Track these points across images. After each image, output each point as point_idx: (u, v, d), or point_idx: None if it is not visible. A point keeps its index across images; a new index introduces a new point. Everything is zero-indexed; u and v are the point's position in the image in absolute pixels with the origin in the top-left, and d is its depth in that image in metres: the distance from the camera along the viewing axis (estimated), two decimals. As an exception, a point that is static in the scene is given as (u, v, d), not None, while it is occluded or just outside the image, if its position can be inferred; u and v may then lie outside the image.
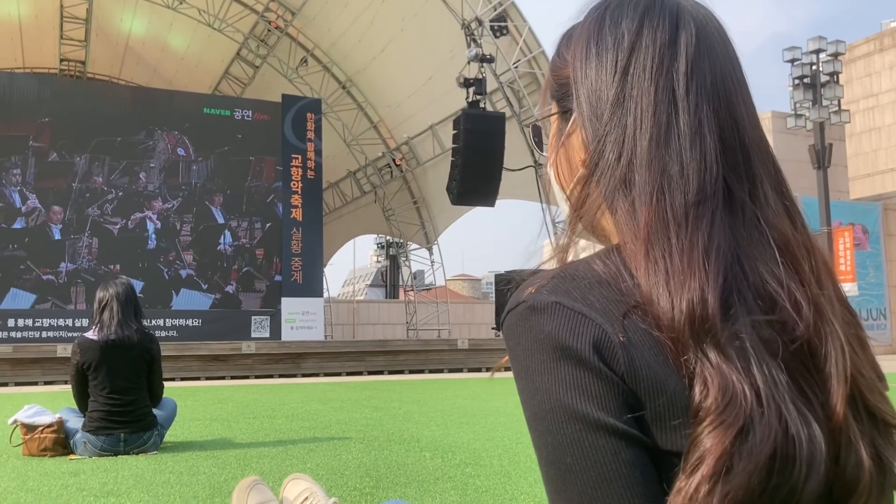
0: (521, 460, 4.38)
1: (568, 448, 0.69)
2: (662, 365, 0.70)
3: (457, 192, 16.02)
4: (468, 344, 15.66)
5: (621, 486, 0.67)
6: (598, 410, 0.69)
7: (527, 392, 0.73)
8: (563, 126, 0.87)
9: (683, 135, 0.76)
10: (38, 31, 21.04)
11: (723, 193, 0.75)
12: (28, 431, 4.75)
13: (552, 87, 0.89)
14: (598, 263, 0.77)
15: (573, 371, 0.70)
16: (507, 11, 16.98)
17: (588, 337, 0.70)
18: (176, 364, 12.62)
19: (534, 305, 0.73)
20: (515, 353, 0.74)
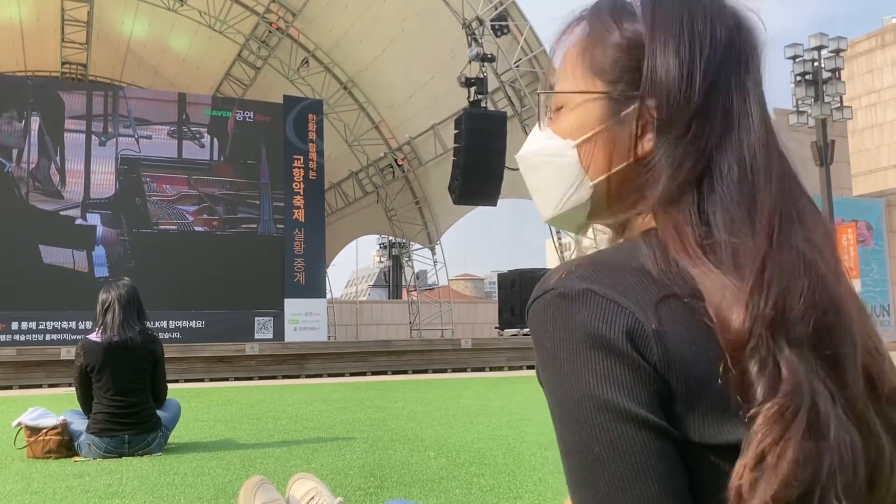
0: (525, 459, 4.38)
1: (596, 438, 0.68)
2: (699, 355, 0.69)
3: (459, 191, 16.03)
4: (471, 343, 15.65)
5: (649, 478, 0.67)
6: (629, 401, 0.68)
7: (555, 380, 0.72)
8: (611, 110, 0.83)
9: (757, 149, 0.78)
10: (40, 34, 21.07)
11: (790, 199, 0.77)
12: (32, 434, 4.75)
13: (607, 65, 0.83)
14: (629, 251, 0.77)
15: (604, 360, 0.69)
16: (507, 11, 16.98)
17: (621, 325, 0.69)
18: (180, 366, 12.64)
19: (564, 292, 0.72)
20: (543, 340, 0.73)
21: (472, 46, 16.12)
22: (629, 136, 0.82)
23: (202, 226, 17.61)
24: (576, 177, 0.85)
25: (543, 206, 0.90)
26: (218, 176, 17.84)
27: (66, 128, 16.71)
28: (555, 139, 0.87)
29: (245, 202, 18.03)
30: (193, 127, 17.75)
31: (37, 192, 16.28)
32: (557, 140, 0.86)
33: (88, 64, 22.32)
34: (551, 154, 0.87)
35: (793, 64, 18.01)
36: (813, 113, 17.89)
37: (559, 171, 0.86)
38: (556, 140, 0.86)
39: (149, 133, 17.38)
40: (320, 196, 19.03)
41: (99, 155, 16.91)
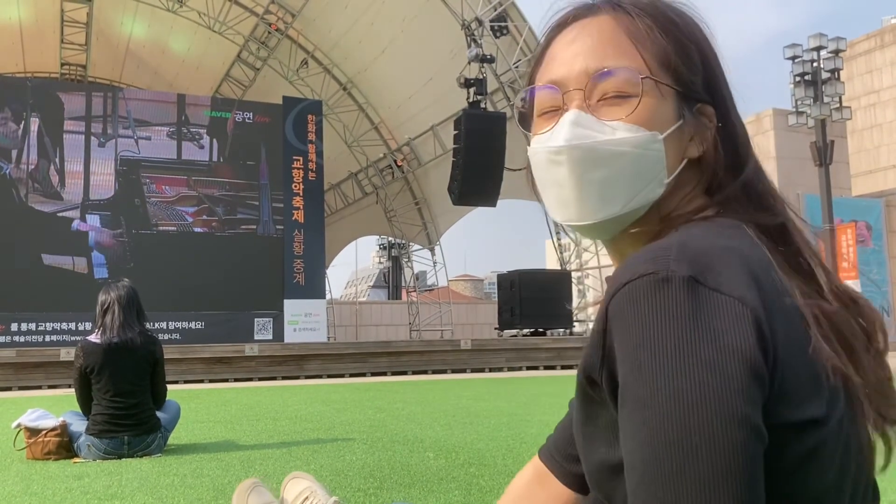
0: (524, 460, 4.37)
1: (700, 430, 0.65)
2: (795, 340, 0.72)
3: (458, 192, 16.03)
4: (471, 344, 15.64)
5: (740, 479, 0.65)
6: (738, 397, 0.66)
7: (654, 367, 0.67)
8: (687, 104, 0.85)
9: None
10: (39, 36, 21.07)
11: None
12: (32, 435, 4.75)
13: (677, 61, 0.84)
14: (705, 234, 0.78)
15: (716, 353, 0.67)
16: (507, 11, 16.99)
17: (737, 319, 0.68)
18: (179, 367, 12.63)
19: (667, 277, 0.70)
20: (641, 325, 0.69)
21: (471, 47, 16.13)
22: (691, 133, 0.85)
23: (202, 227, 17.61)
24: (657, 172, 0.83)
25: (604, 205, 0.84)
26: (217, 177, 17.83)
27: (66, 129, 16.71)
28: (636, 129, 0.82)
29: (244, 203, 18.02)
30: (193, 128, 17.75)
31: (36, 193, 16.28)
32: (641, 130, 0.82)
33: (88, 65, 22.32)
34: (635, 145, 0.82)
35: (792, 64, 18.01)
36: (812, 113, 17.89)
37: (640, 164, 0.83)
38: (637, 130, 0.82)
39: (148, 134, 17.37)
40: (320, 197, 19.02)
41: (98, 156, 16.91)
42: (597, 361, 0.74)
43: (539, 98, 0.89)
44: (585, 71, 0.84)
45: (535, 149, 0.88)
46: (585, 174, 0.83)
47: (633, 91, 0.82)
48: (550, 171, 0.86)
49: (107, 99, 17.30)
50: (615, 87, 0.83)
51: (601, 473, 0.81)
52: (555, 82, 0.87)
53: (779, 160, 20.88)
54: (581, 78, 0.84)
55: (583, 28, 0.87)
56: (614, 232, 0.87)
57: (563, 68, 0.86)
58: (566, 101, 0.85)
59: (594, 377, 0.76)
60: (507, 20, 17.10)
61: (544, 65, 0.90)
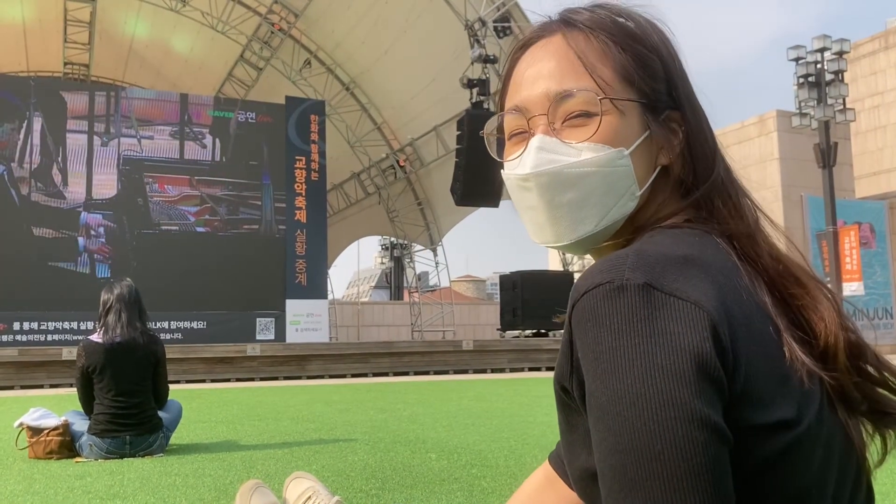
0: (526, 461, 4.37)
1: (660, 434, 0.66)
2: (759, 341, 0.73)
3: (461, 192, 16.04)
4: (473, 345, 15.64)
5: (706, 480, 0.66)
6: (697, 399, 0.67)
7: (613, 375, 0.69)
8: (651, 115, 0.86)
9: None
10: (42, 35, 21.10)
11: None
12: (34, 434, 4.75)
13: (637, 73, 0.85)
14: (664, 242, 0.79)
15: (670, 356, 0.68)
16: (510, 12, 16.98)
17: (696, 323, 0.69)
18: (181, 367, 12.63)
19: (623, 285, 0.71)
20: (597, 334, 0.70)
21: (474, 47, 16.13)
22: (659, 142, 0.86)
23: (204, 226, 17.62)
24: (627, 186, 0.84)
25: (577, 225, 0.85)
26: (220, 177, 17.84)
27: (69, 128, 16.73)
28: (602, 148, 0.83)
29: (247, 203, 18.03)
30: (195, 128, 17.76)
31: (39, 192, 16.30)
32: (606, 149, 0.83)
33: (91, 64, 22.34)
34: (601, 164, 0.83)
35: (795, 66, 17.99)
36: (816, 115, 17.87)
37: (609, 182, 0.84)
38: (602, 149, 0.83)
39: (151, 134, 17.39)
40: (322, 197, 19.03)
41: (101, 155, 16.93)
42: (567, 370, 0.76)
43: (507, 122, 0.90)
44: (546, 95, 0.85)
45: (507, 175, 0.90)
46: (555, 198, 0.84)
47: (594, 110, 0.83)
48: (523, 197, 0.88)
49: (110, 98, 17.32)
50: (577, 108, 0.84)
51: (584, 481, 0.82)
52: (518, 107, 0.88)
53: (782, 162, 20.84)
54: (543, 102, 0.85)
55: (542, 49, 0.88)
56: (593, 246, 0.89)
57: (525, 92, 0.87)
58: (531, 126, 0.87)
59: (566, 386, 0.78)
60: (511, 20, 17.09)
61: (510, 91, 0.91)
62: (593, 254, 0.92)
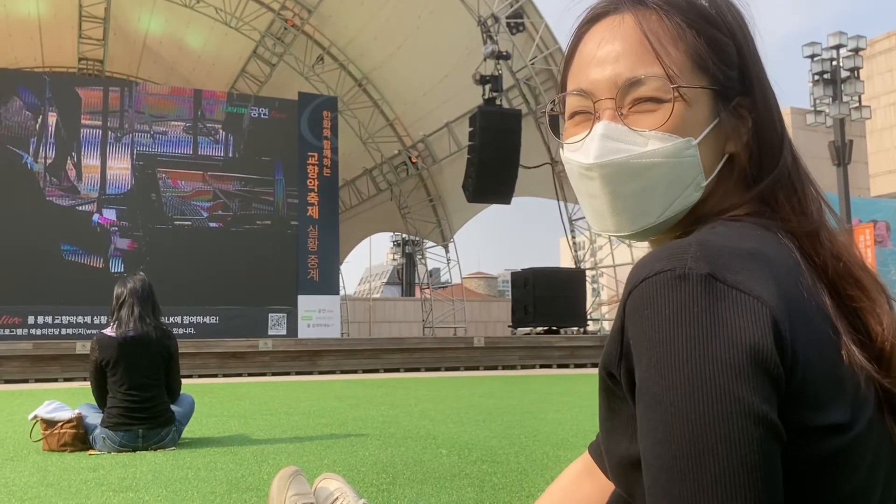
0: (537, 457, 4.37)
1: (715, 428, 0.64)
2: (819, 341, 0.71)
3: (472, 189, 16.02)
4: (484, 342, 15.63)
5: (757, 477, 0.64)
6: (754, 394, 0.65)
7: (669, 364, 0.67)
8: (721, 103, 0.82)
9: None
10: (58, 31, 21.23)
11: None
12: (48, 427, 4.79)
13: (709, 57, 0.82)
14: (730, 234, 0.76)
15: (731, 350, 0.66)
16: (523, 8, 16.94)
17: (758, 318, 0.67)
18: (194, 361, 12.70)
19: (684, 274, 0.69)
20: (657, 321, 0.69)
21: (487, 44, 16.10)
22: (729, 129, 0.83)
23: (217, 222, 17.69)
24: (693, 177, 0.82)
25: (641, 216, 0.83)
26: (233, 172, 17.91)
27: (83, 123, 16.83)
28: (670, 138, 0.80)
29: (259, 199, 18.09)
30: (209, 123, 17.83)
31: (53, 186, 16.41)
32: (674, 138, 0.80)
33: (105, 60, 22.46)
34: (669, 155, 0.80)
35: (811, 63, 17.86)
36: (831, 112, 17.73)
37: (675, 173, 0.81)
38: (670, 139, 0.80)
39: (164, 129, 17.47)
40: (334, 193, 19.06)
41: (115, 151, 17.02)
42: (615, 357, 0.74)
43: (569, 101, 0.87)
44: (615, 79, 0.82)
45: (567, 158, 0.87)
46: (619, 188, 0.82)
47: (665, 97, 0.80)
48: (584, 184, 0.85)
49: (124, 94, 17.40)
50: (646, 94, 0.81)
51: (622, 468, 0.80)
52: (585, 90, 0.85)
53: (796, 159, 20.72)
54: (611, 87, 0.82)
55: (611, 28, 0.84)
56: (654, 235, 0.87)
57: (593, 75, 0.84)
58: (597, 110, 0.84)
59: (613, 372, 0.76)
60: (524, 17, 17.05)
61: (573, 68, 0.88)
62: (652, 243, 0.89)
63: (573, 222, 19.61)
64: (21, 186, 16.08)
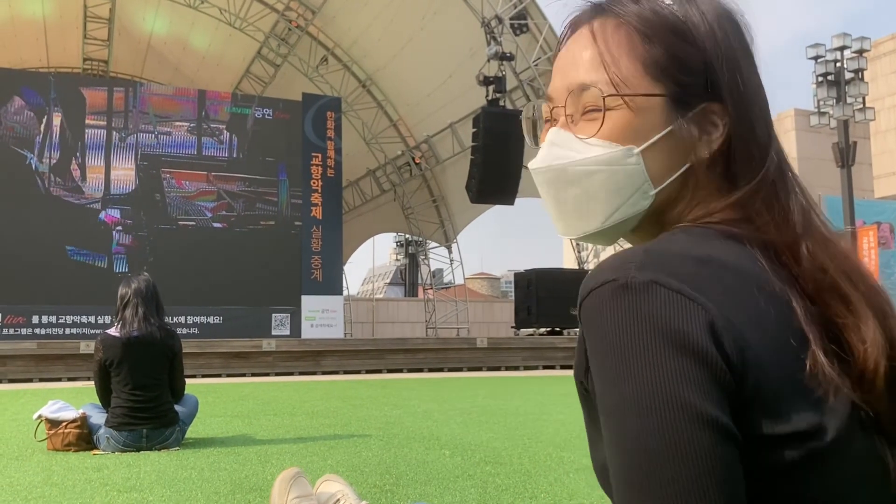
0: (540, 459, 4.37)
1: (664, 436, 0.65)
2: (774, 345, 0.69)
3: (476, 190, 16.03)
4: (487, 343, 15.63)
5: (713, 482, 0.64)
6: (702, 399, 0.65)
7: (618, 375, 0.68)
8: (679, 110, 0.80)
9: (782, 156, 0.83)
10: (62, 31, 21.28)
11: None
12: (52, 426, 4.80)
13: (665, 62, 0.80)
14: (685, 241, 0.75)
15: (679, 356, 0.66)
16: (527, 9, 16.95)
17: (697, 320, 0.67)
18: (197, 361, 12.71)
19: (627, 283, 0.69)
20: (602, 333, 0.70)
21: (490, 45, 16.11)
22: (693, 137, 0.80)
23: (220, 222, 17.72)
24: (637, 186, 0.81)
25: (583, 221, 0.83)
26: (236, 172, 17.94)
27: (87, 124, 16.88)
28: (609, 146, 0.80)
29: (263, 199, 18.12)
30: (213, 124, 17.86)
31: (58, 186, 16.45)
32: (613, 147, 0.80)
33: (110, 60, 22.51)
34: (607, 163, 0.80)
35: (815, 64, 17.83)
36: (835, 114, 17.70)
37: (615, 181, 0.81)
38: (610, 147, 0.80)
39: (168, 129, 17.51)
40: (338, 193, 19.09)
41: (119, 151, 17.07)
42: (582, 368, 0.76)
43: (543, 108, 0.89)
44: (567, 86, 0.83)
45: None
46: (560, 193, 0.83)
47: (610, 105, 0.80)
48: (539, 188, 0.88)
49: (128, 94, 17.45)
50: (591, 102, 0.81)
51: (602, 474, 0.81)
52: (548, 97, 0.87)
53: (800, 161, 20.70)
54: (563, 93, 0.83)
55: (577, 38, 0.85)
56: (613, 240, 0.87)
57: (554, 82, 0.86)
58: (554, 117, 0.85)
59: (583, 381, 0.77)
60: (527, 18, 17.05)
61: (552, 74, 0.90)
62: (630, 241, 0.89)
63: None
64: (25, 186, 16.12)
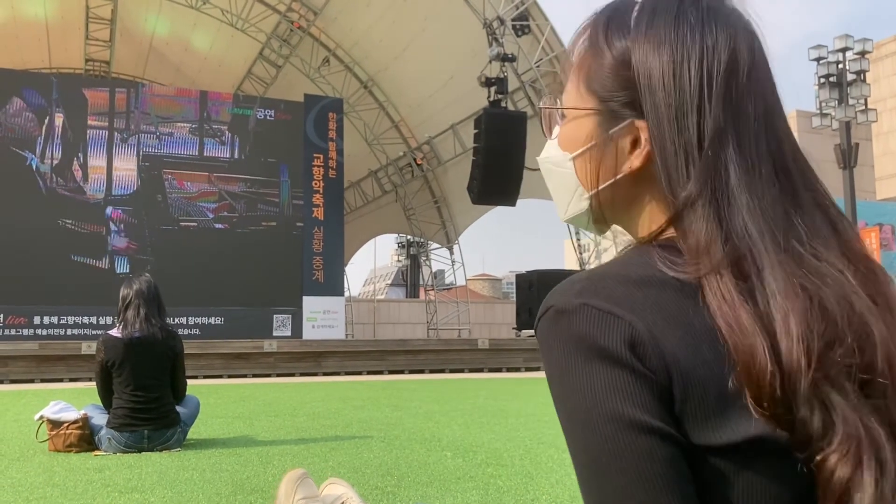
0: (542, 461, 4.37)
1: (604, 447, 0.69)
2: (697, 358, 0.70)
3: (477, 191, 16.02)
4: (488, 344, 15.63)
5: (657, 485, 0.67)
6: (634, 408, 0.68)
7: (561, 394, 0.73)
8: (606, 125, 0.82)
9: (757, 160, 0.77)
10: (65, 32, 21.30)
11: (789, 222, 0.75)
12: (54, 427, 4.80)
13: (597, 81, 0.83)
14: (630, 261, 0.78)
15: (606, 370, 0.70)
16: (529, 10, 16.94)
17: (618, 334, 0.70)
18: (199, 362, 12.72)
19: (562, 308, 0.74)
20: (549, 357, 0.74)
21: (492, 46, 16.10)
22: (618, 152, 0.82)
23: (222, 223, 17.74)
24: (574, 188, 0.88)
25: (559, 209, 0.92)
26: (238, 173, 17.95)
27: (89, 124, 16.89)
28: (558, 150, 0.89)
29: (265, 200, 18.13)
30: (215, 125, 17.88)
31: (59, 187, 16.47)
32: (560, 151, 0.89)
33: (112, 61, 22.53)
34: (556, 163, 0.89)
35: (816, 66, 17.82)
36: (837, 115, 17.70)
37: (563, 180, 0.89)
38: (558, 151, 0.89)
39: (170, 130, 17.52)
40: (339, 194, 19.09)
41: (121, 151, 17.08)
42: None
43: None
44: (557, 94, 0.92)
45: None
46: (547, 183, 0.93)
47: (567, 114, 0.88)
48: None
49: (130, 95, 17.46)
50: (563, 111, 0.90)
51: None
52: None
53: (802, 162, 20.67)
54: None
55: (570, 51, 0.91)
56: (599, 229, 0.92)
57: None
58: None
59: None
60: (529, 19, 17.05)
61: None
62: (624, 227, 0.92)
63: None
64: (26, 187, 16.13)
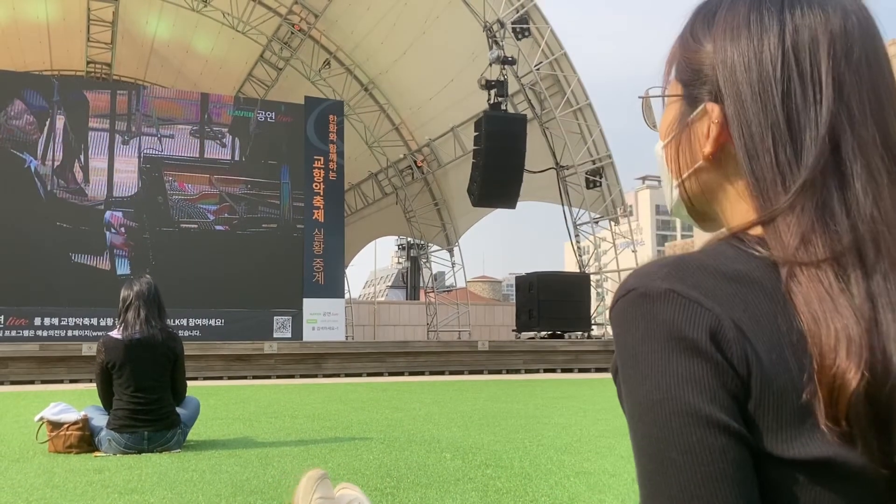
0: (541, 462, 4.37)
1: (674, 442, 0.66)
2: (780, 364, 0.67)
3: (478, 193, 16.05)
4: (488, 346, 15.63)
5: (725, 486, 0.65)
6: (709, 404, 0.66)
7: (634, 381, 0.70)
8: (687, 112, 0.82)
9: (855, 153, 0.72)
10: (66, 34, 21.34)
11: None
12: (54, 428, 4.81)
13: (681, 69, 0.83)
14: (717, 252, 0.74)
15: (687, 361, 0.67)
16: (529, 13, 16.98)
17: (703, 325, 0.68)
18: (199, 363, 12.72)
19: (646, 292, 0.71)
20: (624, 340, 0.72)
21: (492, 49, 16.13)
22: (696, 139, 0.81)
23: (223, 225, 17.74)
24: (669, 178, 0.87)
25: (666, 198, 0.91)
26: (239, 175, 17.95)
27: (90, 126, 16.90)
28: (658, 140, 0.89)
29: (265, 202, 18.13)
30: (215, 127, 17.89)
31: (61, 189, 16.48)
32: (659, 141, 0.88)
33: (113, 63, 22.57)
34: (657, 154, 0.89)
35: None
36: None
37: (662, 170, 0.89)
38: (659, 141, 0.88)
39: (171, 132, 17.53)
40: (340, 196, 19.09)
41: (122, 153, 17.09)
42: (615, 370, 0.76)
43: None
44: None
45: None
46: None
47: (666, 101, 0.87)
48: None
49: (131, 97, 17.48)
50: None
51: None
52: None
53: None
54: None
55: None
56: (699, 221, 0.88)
57: None
58: None
59: (617, 381, 0.78)
60: (529, 22, 17.08)
61: None
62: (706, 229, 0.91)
63: (577, 227, 19.60)
64: (27, 188, 16.14)
